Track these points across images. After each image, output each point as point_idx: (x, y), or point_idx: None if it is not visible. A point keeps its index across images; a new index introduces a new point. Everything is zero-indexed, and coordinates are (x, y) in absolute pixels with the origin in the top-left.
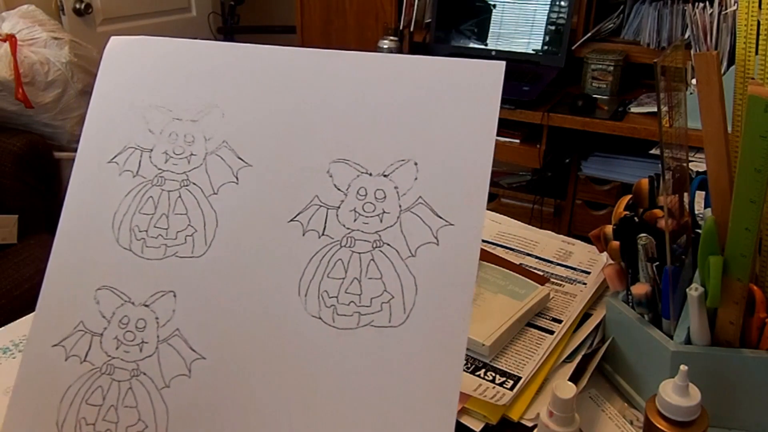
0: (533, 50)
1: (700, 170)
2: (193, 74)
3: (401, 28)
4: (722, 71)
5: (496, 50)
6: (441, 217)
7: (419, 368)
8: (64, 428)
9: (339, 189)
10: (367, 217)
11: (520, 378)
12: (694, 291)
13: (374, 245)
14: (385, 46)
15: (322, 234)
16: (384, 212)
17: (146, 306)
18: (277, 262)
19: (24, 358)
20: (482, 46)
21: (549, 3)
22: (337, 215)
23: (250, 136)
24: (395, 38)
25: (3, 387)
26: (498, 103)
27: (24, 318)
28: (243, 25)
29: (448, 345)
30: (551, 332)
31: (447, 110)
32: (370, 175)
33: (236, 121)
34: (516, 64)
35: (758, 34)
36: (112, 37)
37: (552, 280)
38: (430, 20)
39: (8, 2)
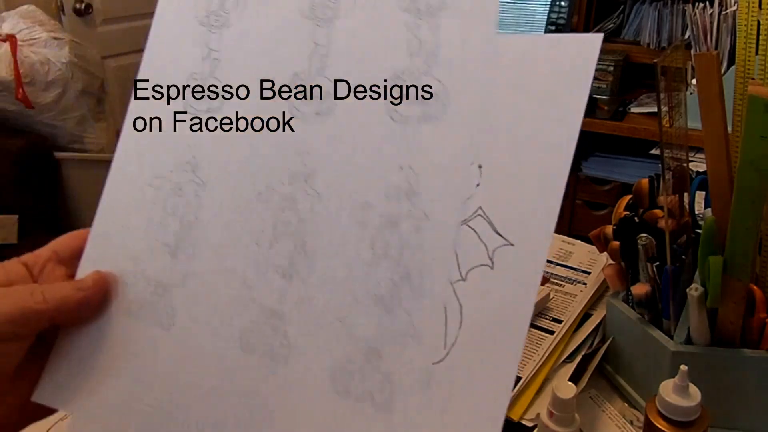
0: None
1: (700, 170)
2: None
3: None
4: (722, 71)
5: None
6: (501, 235)
7: (456, 412)
8: None
9: None
10: None
11: (520, 378)
12: (694, 291)
13: None
14: None
15: None
16: None
17: None
18: None
19: None
20: None
21: (549, 3)
22: None
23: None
24: None
25: None
26: (587, 93)
27: None
28: None
29: (490, 391)
30: (551, 332)
31: (523, 104)
32: None
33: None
34: None
35: (758, 34)
36: None
37: (552, 280)
38: None
39: (8, 2)
